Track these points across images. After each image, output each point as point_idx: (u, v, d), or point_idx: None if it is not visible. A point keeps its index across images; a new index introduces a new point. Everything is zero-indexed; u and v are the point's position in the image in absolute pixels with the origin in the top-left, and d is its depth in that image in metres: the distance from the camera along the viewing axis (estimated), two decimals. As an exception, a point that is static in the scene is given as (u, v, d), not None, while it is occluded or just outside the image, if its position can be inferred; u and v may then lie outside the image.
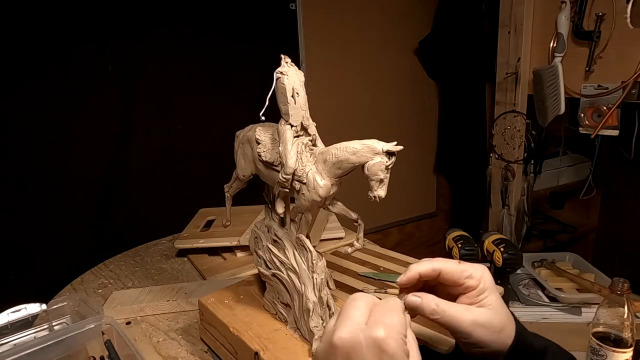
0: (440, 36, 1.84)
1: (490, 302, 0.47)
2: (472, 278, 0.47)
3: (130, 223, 1.25)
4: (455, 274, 0.47)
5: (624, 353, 0.81)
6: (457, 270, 0.47)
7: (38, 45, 1.06)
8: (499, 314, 0.47)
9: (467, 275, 0.47)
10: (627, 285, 0.79)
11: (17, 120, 1.06)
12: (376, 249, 0.97)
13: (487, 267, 0.50)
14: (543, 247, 1.79)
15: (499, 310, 0.47)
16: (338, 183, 0.54)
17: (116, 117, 1.20)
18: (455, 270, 0.47)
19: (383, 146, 0.48)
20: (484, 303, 0.47)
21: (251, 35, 1.35)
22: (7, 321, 0.68)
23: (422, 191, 2.15)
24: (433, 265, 0.48)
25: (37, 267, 1.13)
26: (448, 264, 0.48)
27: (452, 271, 0.47)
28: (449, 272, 0.47)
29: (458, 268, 0.47)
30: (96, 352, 0.66)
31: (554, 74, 1.25)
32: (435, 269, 0.48)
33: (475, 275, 0.47)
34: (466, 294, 0.48)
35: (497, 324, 0.47)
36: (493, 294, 0.48)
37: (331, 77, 1.71)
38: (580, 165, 1.79)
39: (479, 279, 0.47)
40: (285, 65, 0.53)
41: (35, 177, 1.10)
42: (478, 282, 0.47)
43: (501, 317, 0.47)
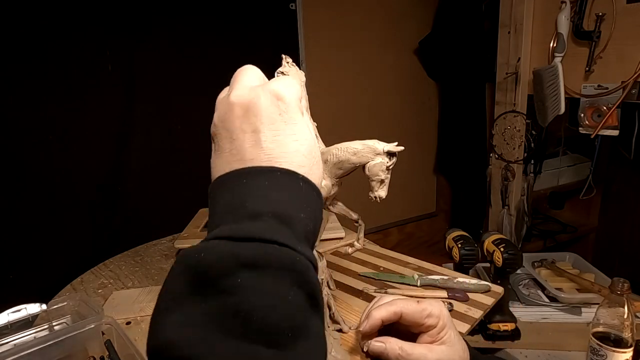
0: (440, 36, 1.84)
1: (449, 339, 0.50)
2: (432, 316, 0.49)
3: (130, 223, 1.25)
4: (415, 315, 0.49)
5: (624, 353, 0.81)
6: (417, 310, 0.49)
7: (38, 45, 1.06)
8: (458, 349, 0.50)
9: (427, 315, 0.49)
10: (627, 285, 0.79)
11: (17, 120, 1.06)
12: (376, 249, 0.98)
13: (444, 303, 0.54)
14: (543, 247, 1.79)
15: (457, 346, 0.50)
16: (339, 183, 0.54)
17: (116, 117, 1.20)
18: (415, 311, 0.49)
19: (384, 147, 0.48)
20: (444, 340, 0.49)
21: (251, 35, 1.35)
22: (7, 321, 0.68)
23: (422, 191, 2.15)
24: (394, 309, 0.49)
25: (37, 267, 1.13)
26: (408, 306, 0.49)
27: (412, 313, 0.49)
28: (409, 315, 0.49)
29: (418, 309, 0.49)
30: (96, 352, 0.66)
31: (554, 74, 1.25)
32: (396, 312, 0.49)
33: (435, 313, 0.49)
34: (427, 332, 0.50)
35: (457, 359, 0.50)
36: (452, 330, 0.50)
37: (331, 77, 1.71)
38: (580, 165, 1.79)
39: (438, 317, 0.49)
40: (286, 65, 0.53)
41: (35, 177, 1.10)
42: (437, 320, 0.49)
43: (460, 353, 0.50)
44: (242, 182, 0.32)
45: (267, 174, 0.32)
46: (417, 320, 0.49)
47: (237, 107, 0.34)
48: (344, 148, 0.50)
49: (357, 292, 0.78)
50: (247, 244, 0.28)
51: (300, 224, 0.31)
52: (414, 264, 0.89)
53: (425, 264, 0.89)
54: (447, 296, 0.76)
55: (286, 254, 0.29)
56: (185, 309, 0.27)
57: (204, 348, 0.25)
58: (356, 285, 0.81)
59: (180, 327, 0.26)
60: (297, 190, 0.33)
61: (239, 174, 0.33)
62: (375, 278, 0.83)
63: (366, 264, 0.90)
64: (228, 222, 0.30)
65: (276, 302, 0.27)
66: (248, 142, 0.34)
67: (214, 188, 0.34)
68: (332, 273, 0.82)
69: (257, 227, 0.29)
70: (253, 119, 0.34)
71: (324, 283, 0.60)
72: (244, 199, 0.31)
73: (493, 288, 0.78)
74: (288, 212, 0.31)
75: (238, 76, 0.37)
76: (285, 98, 0.35)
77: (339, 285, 0.81)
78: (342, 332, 0.64)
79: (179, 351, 0.25)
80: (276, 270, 0.28)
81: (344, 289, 0.79)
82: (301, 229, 0.31)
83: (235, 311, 0.26)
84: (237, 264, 0.27)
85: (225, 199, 0.32)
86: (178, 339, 0.26)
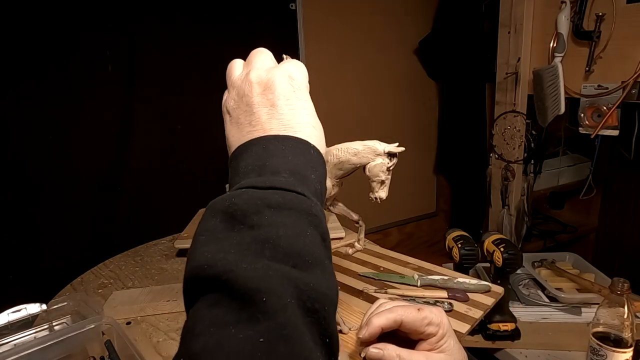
0: (440, 36, 1.84)
1: (449, 347, 0.49)
2: (432, 324, 0.49)
3: (130, 223, 1.25)
4: (415, 323, 0.49)
5: (624, 353, 0.81)
6: (417, 319, 0.49)
7: (38, 45, 1.06)
8: (457, 358, 0.50)
9: (427, 323, 0.49)
10: (627, 285, 0.79)
11: (17, 120, 1.06)
12: (376, 249, 0.97)
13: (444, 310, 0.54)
14: (543, 247, 1.79)
15: (456, 355, 0.50)
16: (339, 184, 0.54)
17: (116, 117, 1.20)
18: (415, 319, 0.49)
19: (385, 147, 0.48)
20: (444, 348, 0.49)
21: (251, 35, 1.35)
22: (7, 321, 0.68)
23: (422, 191, 2.15)
24: (394, 317, 0.49)
25: (37, 267, 1.13)
26: (408, 314, 0.49)
27: (412, 321, 0.49)
28: (409, 322, 0.49)
29: (418, 317, 0.49)
30: (96, 353, 0.66)
31: (554, 74, 1.25)
32: (396, 320, 0.49)
33: (435, 322, 0.49)
34: (426, 340, 0.49)
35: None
36: (451, 338, 0.50)
37: (331, 77, 1.71)
38: (580, 165, 1.79)
39: (438, 325, 0.49)
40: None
41: (35, 177, 1.10)
42: (438, 328, 0.49)
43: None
44: (262, 147, 0.37)
45: (285, 141, 0.37)
46: (417, 328, 0.49)
47: (256, 85, 0.40)
48: (345, 149, 0.50)
49: (357, 292, 0.78)
50: (271, 191, 0.33)
51: (312, 183, 0.36)
52: (414, 264, 0.89)
53: (425, 264, 0.89)
54: (447, 296, 0.76)
55: (304, 201, 0.33)
56: (220, 241, 0.30)
57: (238, 266, 0.28)
58: (356, 285, 0.81)
59: (216, 253, 0.29)
60: (309, 155, 0.38)
61: (258, 141, 0.38)
62: (375, 278, 0.83)
63: (366, 264, 0.90)
64: (253, 176, 0.35)
65: (298, 234, 0.31)
66: (266, 114, 0.39)
67: (237, 154, 0.38)
68: (332, 273, 0.82)
69: (278, 180, 0.34)
70: (270, 96, 0.39)
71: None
72: (265, 160, 0.36)
73: (493, 288, 0.78)
74: (302, 172, 0.36)
75: (254, 58, 0.44)
76: (297, 78, 0.41)
77: (339, 285, 0.81)
78: (342, 333, 0.64)
79: (215, 269, 0.28)
80: (297, 212, 0.32)
81: (344, 289, 0.79)
82: (312, 187, 0.36)
83: (265, 239, 0.30)
84: (264, 205, 0.32)
85: (247, 161, 0.37)
86: (214, 261, 0.29)
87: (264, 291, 0.27)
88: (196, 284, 0.30)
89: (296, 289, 0.28)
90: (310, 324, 0.28)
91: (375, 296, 0.77)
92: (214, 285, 0.28)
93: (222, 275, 0.28)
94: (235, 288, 0.27)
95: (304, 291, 0.28)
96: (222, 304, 0.27)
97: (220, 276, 0.28)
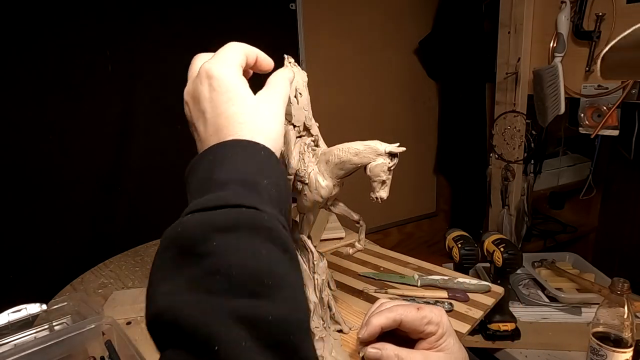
0: (440, 36, 1.84)
1: (449, 347, 0.49)
2: (432, 324, 0.48)
3: (130, 223, 1.25)
4: (415, 322, 0.49)
5: (624, 353, 0.81)
6: (417, 318, 0.48)
7: (38, 45, 1.06)
8: (457, 357, 0.49)
9: (427, 322, 0.48)
10: (627, 285, 0.79)
11: (17, 120, 1.06)
12: (376, 249, 0.98)
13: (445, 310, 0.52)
14: (543, 247, 1.79)
15: (457, 354, 0.49)
16: (340, 184, 0.54)
17: (116, 117, 1.20)
18: (415, 318, 0.49)
19: (386, 147, 0.48)
20: (443, 347, 0.49)
21: (251, 35, 1.34)
22: (7, 321, 0.68)
23: (422, 191, 2.15)
24: (394, 317, 0.49)
25: (37, 267, 1.13)
26: (407, 313, 0.49)
27: (412, 320, 0.49)
28: (409, 322, 0.49)
29: (417, 316, 0.49)
30: (96, 353, 0.66)
31: (554, 74, 1.25)
32: (395, 320, 0.49)
33: (435, 321, 0.49)
34: (426, 339, 0.49)
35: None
36: (451, 338, 0.50)
37: (331, 77, 1.71)
38: (580, 165, 1.79)
39: (437, 324, 0.49)
40: (289, 66, 0.53)
41: (35, 177, 1.10)
42: (437, 327, 0.49)
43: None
44: (207, 159, 0.35)
45: (231, 147, 0.35)
46: (417, 327, 0.49)
47: (189, 101, 0.40)
48: (346, 149, 0.50)
49: (357, 292, 0.78)
50: (218, 211, 0.31)
51: (264, 189, 0.34)
52: (414, 264, 0.89)
53: (425, 264, 0.89)
54: (447, 296, 0.76)
55: (254, 215, 0.31)
56: (171, 280, 0.29)
57: (190, 309, 0.27)
58: (356, 285, 0.81)
59: (168, 296, 0.28)
60: (259, 157, 0.35)
61: (201, 157, 0.37)
62: (376, 278, 0.83)
63: (366, 264, 0.90)
64: (199, 196, 0.33)
65: (251, 256, 0.29)
66: (201, 125, 0.38)
67: (187, 173, 0.38)
68: (333, 273, 0.82)
69: (224, 195, 0.32)
70: (199, 105, 0.38)
71: (324, 284, 0.60)
72: (210, 173, 0.34)
73: (493, 288, 0.78)
74: (252, 179, 0.34)
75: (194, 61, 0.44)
76: (213, 74, 0.38)
77: (339, 285, 0.81)
78: (342, 333, 0.64)
79: (169, 316, 0.27)
80: (247, 230, 0.30)
81: (344, 289, 0.79)
82: (266, 194, 0.33)
83: (215, 270, 0.28)
84: (211, 230, 0.29)
85: (195, 179, 0.36)
86: (168, 306, 0.27)
87: (215, 339, 0.25)
88: (155, 332, 0.29)
89: (252, 328, 0.26)
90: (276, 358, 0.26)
91: (376, 296, 0.77)
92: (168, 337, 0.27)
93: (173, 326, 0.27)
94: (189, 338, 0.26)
95: (261, 329, 0.26)
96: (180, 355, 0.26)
97: (171, 327, 0.27)
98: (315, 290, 0.58)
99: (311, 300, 0.57)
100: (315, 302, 0.57)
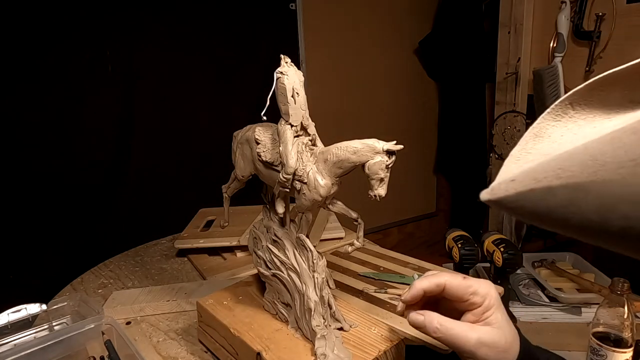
0: (440, 36, 1.84)
1: (496, 321, 0.46)
2: (477, 295, 0.46)
3: (130, 223, 1.25)
4: (459, 289, 0.46)
5: (624, 353, 0.81)
6: (462, 285, 0.46)
7: (38, 45, 1.06)
8: (505, 333, 0.46)
9: (472, 292, 0.46)
10: (627, 285, 0.79)
11: (17, 120, 1.06)
12: (376, 249, 0.97)
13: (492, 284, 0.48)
14: (543, 247, 1.78)
15: (505, 329, 0.46)
16: (338, 182, 0.54)
17: (116, 117, 1.20)
18: (459, 285, 0.46)
19: (383, 145, 0.48)
20: (490, 321, 0.46)
21: (251, 35, 1.35)
22: (7, 321, 0.68)
23: (422, 191, 2.15)
24: (437, 281, 0.47)
25: (37, 267, 1.13)
26: (453, 279, 0.47)
27: (456, 287, 0.46)
28: (453, 288, 0.46)
29: (463, 283, 0.46)
30: (96, 352, 0.66)
31: (554, 74, 1.25)
32: (439, 284, 0.47)
33: (481, 292, 0.46)
34: (472, 310, 0.47)
35: (502, 344, 0.45)
36: (499, 312, 0.47)
37: (331, 77, 1.71)
38: (580, 165, 1.78)
39: (484, 296, 0.46)
40: (285, 65, 0.53)
41: (35, 177, 1.10)
42: (483, 299, 0.46)
43: (507, 337, 0.46)
44: None
45: None
46: (461, 295, 0.46)
47: None
48: (344, 147, 0.50)
49: (357, 292, 0.78)
50: None
51: None
52: (414, 264, 0.89)
53: (425, 264, 0.89)
54: (447, 296, 0.75)
55: None
56: None
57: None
58: (356, 285, 0.81)
59: None
60: None
61: None
62: (375, 278, 0.83)
63: (366, 264, 0.90)
64: None
65: None
66: None
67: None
68: (332, 273, 0.82)
69: None
70: None
71: (324, 282, 0.60)
72: None
73: (493, 288, 0.78)
74: None
75: None
76: None
77: (338, 285, 0.81)
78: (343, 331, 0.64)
79: None
80: None
81: (344, 289, 0.79)
82: None
83: None
84: None
85: None
86: None
87: None
88: None
89: None
90: None
91: (375, 296, 0.77)
92: None
93: None
94: None
95: None
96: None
97: None
98: (315, 288, 0.58)
99: (312, 299, 0.57)
100: (315, 301, 0.57)
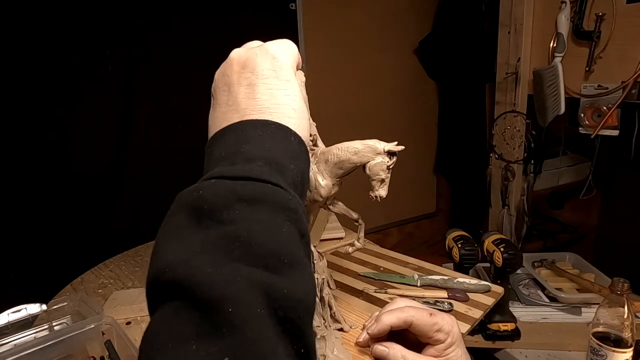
0: (440, 36, 1.84)
1: (456, 357, 0.49)
2: (442, 331, 0.48)
3: (130, 223, 1.25)
4: (425, 327, 0.48)
5: (624, 353, 0.81)
6: (428, 323, 0.48)
7: (38, 45, 1.06)
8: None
9: (437, 329, 0.48)
10: (627, 285, 0.79)
11: (17, 120, 1.06)
12: (376, 249, 0.97)
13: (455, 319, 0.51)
14: (543, 247, 1.79)
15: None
16: (339, 183, 0.54)
17: (116, 117, 1.20)
18: (425, 323, 0.48)
19: (384, 146, 0.48)
20: (450, 357, 0.48)
21: (251, 35, 1.34)
22: (7, 321, 0.68)
23: (422, 191, 2.15)
24: (405, 317, 0.49)
25: (37, 267, 1.13)
26: (419, 316, 0.49)
27: (422, 324, 0.48)
28: (419, 325, 0.48)
29: (429, 321, 0.48)
30: (96, 352, 0.66)
31: (554, 74, 1.25)
32: (406, 321, 0.49)
33: (445, 329, 0.48)
34: (434, 346, 0.49)
35: None
36: (460, 348, 0.49)
37: (331, 77, 1.71)
38: (580, 165, 1.79)
39: (447, 333, 0.48)
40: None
41: (35, 177, 1.10)
42: (447, 336, 0.48)
43: None
44: (239, 133, 0.34)
45: (262, 127, 0.34)
46: (426, 332, 0.48)
47: (235, 63, 0.38)
48: (345, 148, 0.50)
49: (357, 292, 0.78)
50: (244, 182, 0.29)
51: (290, 173, 0.33)
52: (414, 264, 0.89)
53: (425, 264, 0.89)
54: (447, 296, 0.76)
55: (280, 193, 0.30)
56: (185, 239, 0.27)
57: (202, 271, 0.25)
58: (356, 285, 0.81)
59: (178, 254, 0.26)
60: (289, 143, 0.35)
61: (234, 127, 0.35)
62: (375, 278, 0.83)
63: (366, 264, 0.90)
64: (225, 165, 0.32)
65: (273, 232, 0.28)
66: (243, 94, 0.36)
67: (212, 142, 0.36)
68: (332, 273, 0.82)
69: (252, 169, 0.31)
70: (249, 74, 0.37)
71: (324, 283, 0.60)
72: (239, 146, 0.33)
73: (493, 288, 0.78)
74: (280, 160, 0.33)
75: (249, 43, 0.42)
76: (279, 58, 0.38)
77: (339, 285, 0.81)
78: (343, 332, 0.64)
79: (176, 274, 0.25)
80: (271, 206, 0.29)
81: (344, 289, 0.79)
82: (290, 178, 0.33)
83: (234, 236, 0.27)
84: (235, 199, 0.28)
85: (221, 148, 0.34)
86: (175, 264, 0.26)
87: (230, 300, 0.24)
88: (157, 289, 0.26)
89: (267, 296, 0.25)
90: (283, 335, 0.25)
91: (375, 296, 0.77)
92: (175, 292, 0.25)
93: (183, 281, 0.25)
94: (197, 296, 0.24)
95: (276, 299, 0.25)
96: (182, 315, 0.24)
97: (181, 282, 0.25)
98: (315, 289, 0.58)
99: (311, 300, 0.57)
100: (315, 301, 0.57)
